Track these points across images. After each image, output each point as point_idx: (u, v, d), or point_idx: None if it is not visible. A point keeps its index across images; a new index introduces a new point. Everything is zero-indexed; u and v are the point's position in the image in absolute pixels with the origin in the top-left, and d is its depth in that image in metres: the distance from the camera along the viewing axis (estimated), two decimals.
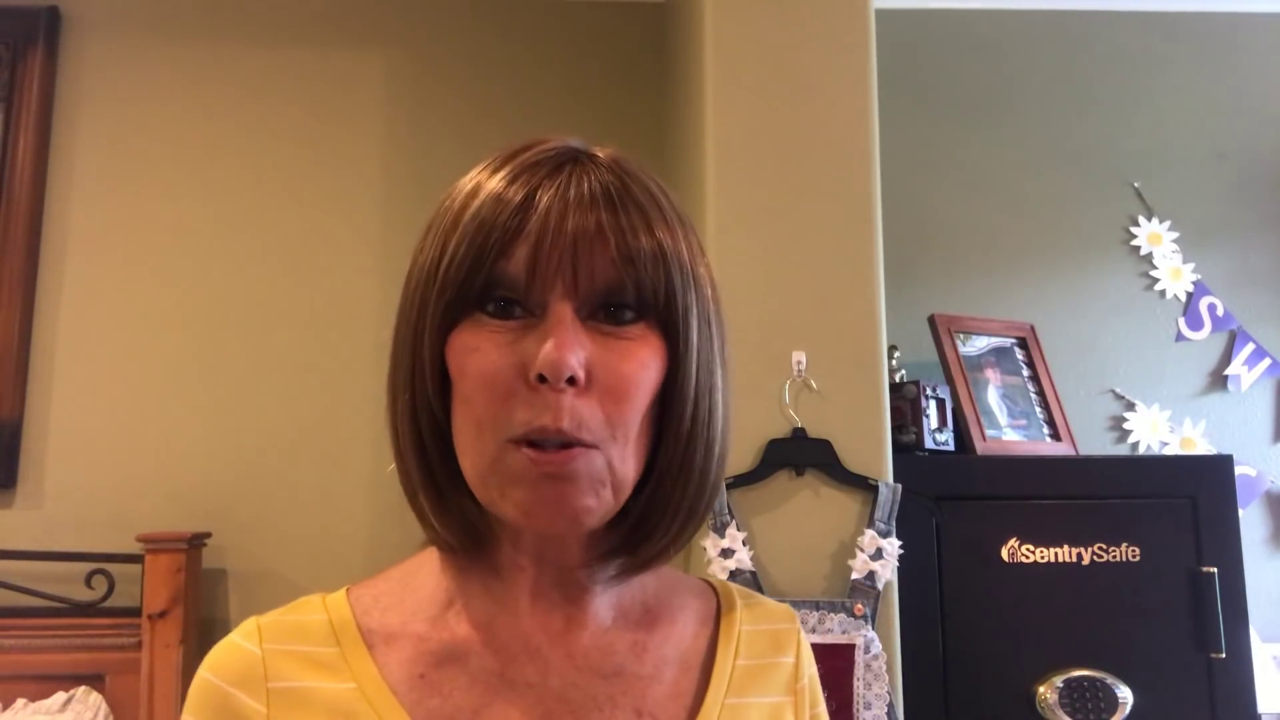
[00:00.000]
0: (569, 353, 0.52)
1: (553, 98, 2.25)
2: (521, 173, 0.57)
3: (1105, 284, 2.28)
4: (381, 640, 0.59)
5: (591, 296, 0.55)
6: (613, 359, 0.55)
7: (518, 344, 0.54)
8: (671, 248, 0.57)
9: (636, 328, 0.56)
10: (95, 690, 1.83)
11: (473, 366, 0.54)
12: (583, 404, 0.54)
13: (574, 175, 0.56)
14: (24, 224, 2.07)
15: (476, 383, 0.54)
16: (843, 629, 1.40)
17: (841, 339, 1.51)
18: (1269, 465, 2.24)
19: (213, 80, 2.19)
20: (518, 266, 0.54)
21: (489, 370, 0.54)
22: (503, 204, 0.55)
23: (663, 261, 0.56)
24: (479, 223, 0.55)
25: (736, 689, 0.63)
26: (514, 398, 0.54)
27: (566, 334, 0.53)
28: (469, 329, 0.55)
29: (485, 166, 0.59)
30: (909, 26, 2.30)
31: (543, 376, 0.52)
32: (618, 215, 0.55)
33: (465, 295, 0.55)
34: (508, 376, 0.54)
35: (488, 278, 0.55)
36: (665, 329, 0.57)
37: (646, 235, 0.56)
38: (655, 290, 0.56)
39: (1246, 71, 2.37)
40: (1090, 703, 1.56)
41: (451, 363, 0.56)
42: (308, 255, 2.15)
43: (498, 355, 0.54)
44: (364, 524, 2.06)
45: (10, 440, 2.02)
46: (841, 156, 1.55)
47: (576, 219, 0.54)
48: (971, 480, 1.70)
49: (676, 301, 0.57)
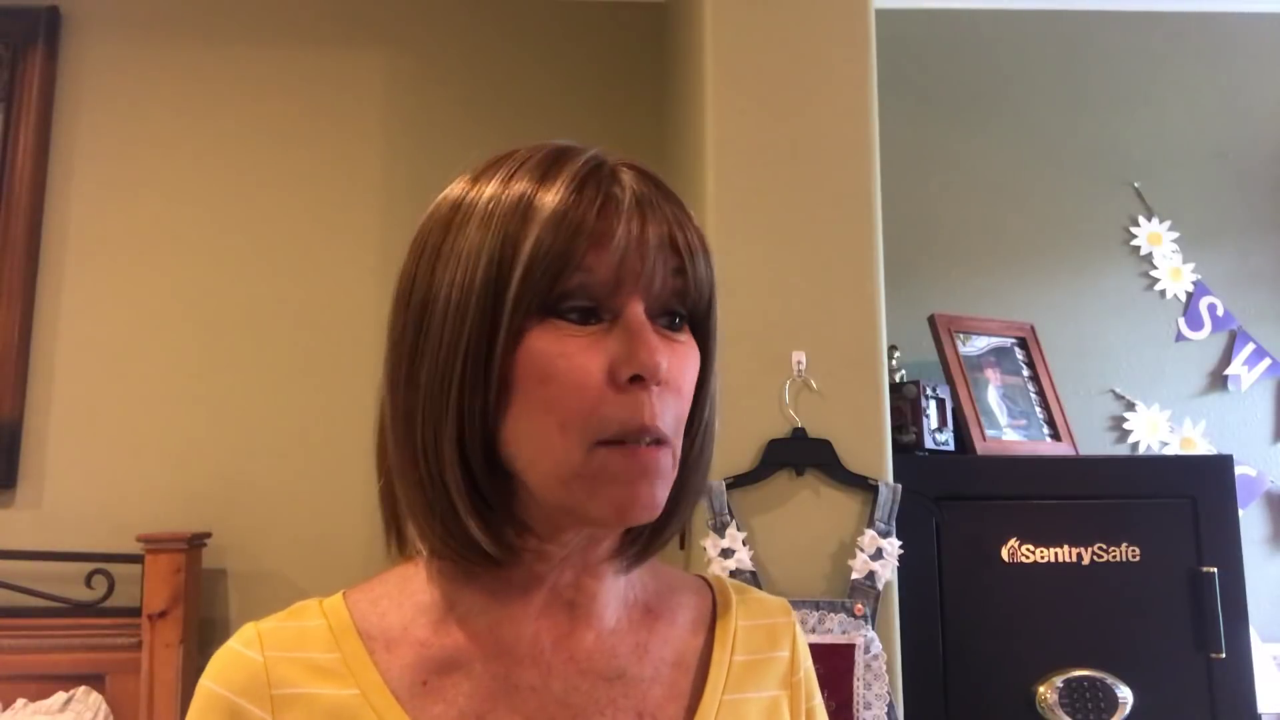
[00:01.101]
0: (661, 355, 0.55)
1: (553, 98, 2.25)
2: (585, 179, 0.57)
3: (1105, 284, 2.28)
4: (382, 646, 0.59)
5: (658, 302, 0.58)
6: (676, 360, 0.58)
7: (598, 346, 0.55)
8: (704, 247, 0.60)
9: (684, 331, 0.60)
10: (95, 690, 1.83)
11: (560, 371, 0.55)
12: (664, 401, 0.56)
13: (627, 184, 0.58)
14: (24, 224, 2.07)
15: (566, 386, 0.55)
16: (843, 629, 1.40)
17: (841, 339, 1.51)
18: (1269, 465, 2.24)
19: (213, 80, 2.19)
20: (602, 274, 0.55)
21: (578, 372, 0.55)
22: (581, 210, 0.55)
23: (707, 261, 0.60)
24: (557, 229, 0.55)
25: (734, 685, 0.64)
26: (603, 399, 0.55)
27: (653, 337, 0.56)
28: (546, 335, 0.55)
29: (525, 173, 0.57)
30: (909, 26, 2.30)
31: (636, 376, 0.55)
32: (673, 221, 0.58)
33: (544, 302, 0.55)
34: (598, 379, 0.55)
35: (568, 284, 0.55)
36: (697, 328, 0.61)
37: (696, 236, 0.59)
38: (700, 292, 0.59)
39: (1246, 71, 2.37)
40: (1090, 703, 1.56)
41: (528, 369, 0.55)
42: (308, 255, 2.15)
43: (585, 359, 0.55)
44: (364, 524, 2.05)
45: (10, 440, 2.02)
46: (841, 157, 1.55)
47: (652, 228, 0.57)
48: (971, 480, 1.70)
49: (713, 307, 0.61)
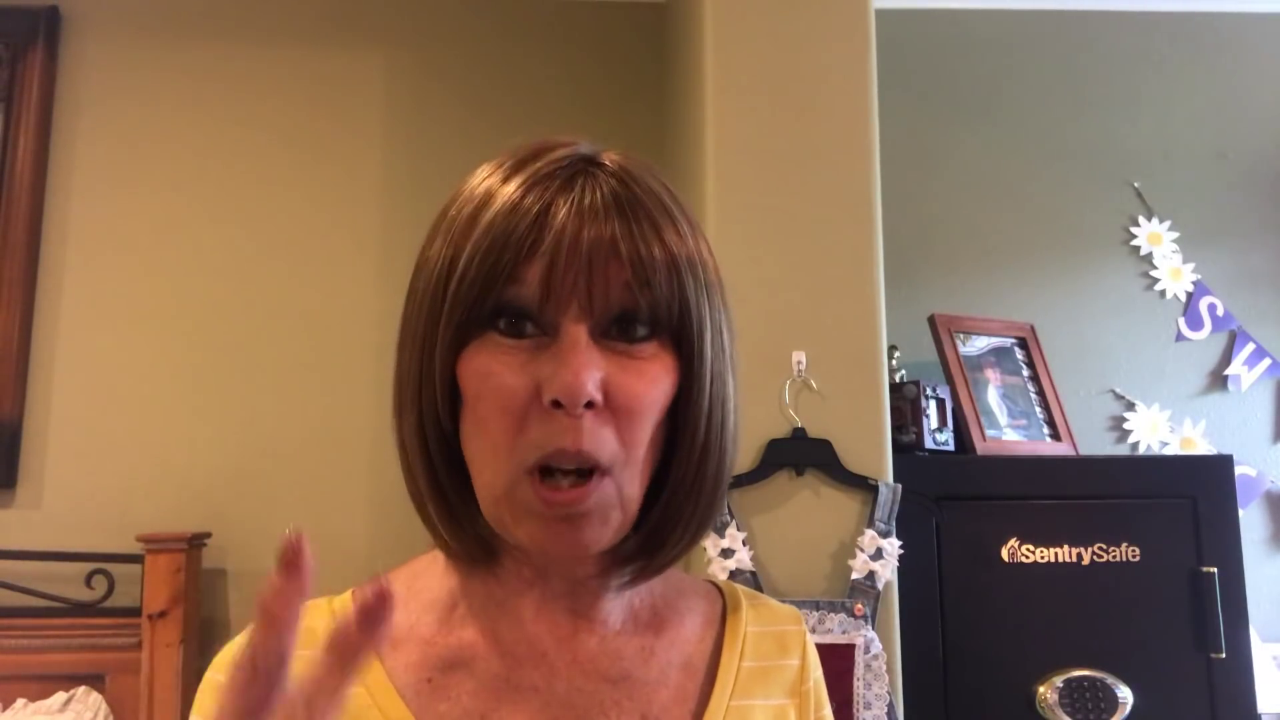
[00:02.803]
0: (585, 378, 0.51)
1: (553, 98, 2.25)
2: (535, 184, 0.55)
3: (1105, 284, 2.28)
4: (388, 644, 0.59)
5: (605, 315, 0.54)
6: (626, 379, 0.54)
7: (531, 365, 0.53)
8: (684, 256, 0.56)
9: (649, 345, 0.55)
10: (95, 690, 1.83)
11: (487, 391, 0.53)
12: (599, 425, 0.53)
13: (586, 188, 0.55)
14: (24, 224, 2.07)
15: (491, 407, 0.53)
16: (843, 629, 1.40)
17: (841, 339, 1.51)
18: (1269, 465, 2.24)
19: (213, 80, 2.19)
20: (532, 286, 0.53)
21: (504, 395, 0.53)
22: (515, 219, 0.54)
23: (676, 273, 0.55)
24: (491, 239, 0.54)
25: (741, 691, 0.63)
26: (529, 421, 0.53)
27: (581, 357, 0.52)
28: (482, 349, 0.54)
29: (494, 171, 0.58)
30: (909, 26, 2.30)
31: (558, 402, 0.52)
32: (630, 228, 0.54)
33: (477, 314, 0.54)
34: (522, 400, 0.53)
35: (500, 297, 0.54)
36: (678, 343, 0.56)
37: (659, 246, 0.55)
38: (669, 305, 0.55)
39: (1246, 71, 2.37)
40: (1090, 703, 1.56)
41: (465, 384, 0.55)
42: (308, 255, 2.15)
43: (512, 378, 0.53)
44: (364, 524, 2.06)
45: (10, 440, 2.02)
46: (841, 156, 1.55)
47: (591, 235, 0.53)
48: (971, 480, 1.70)
49: (691, 315, 0.56)
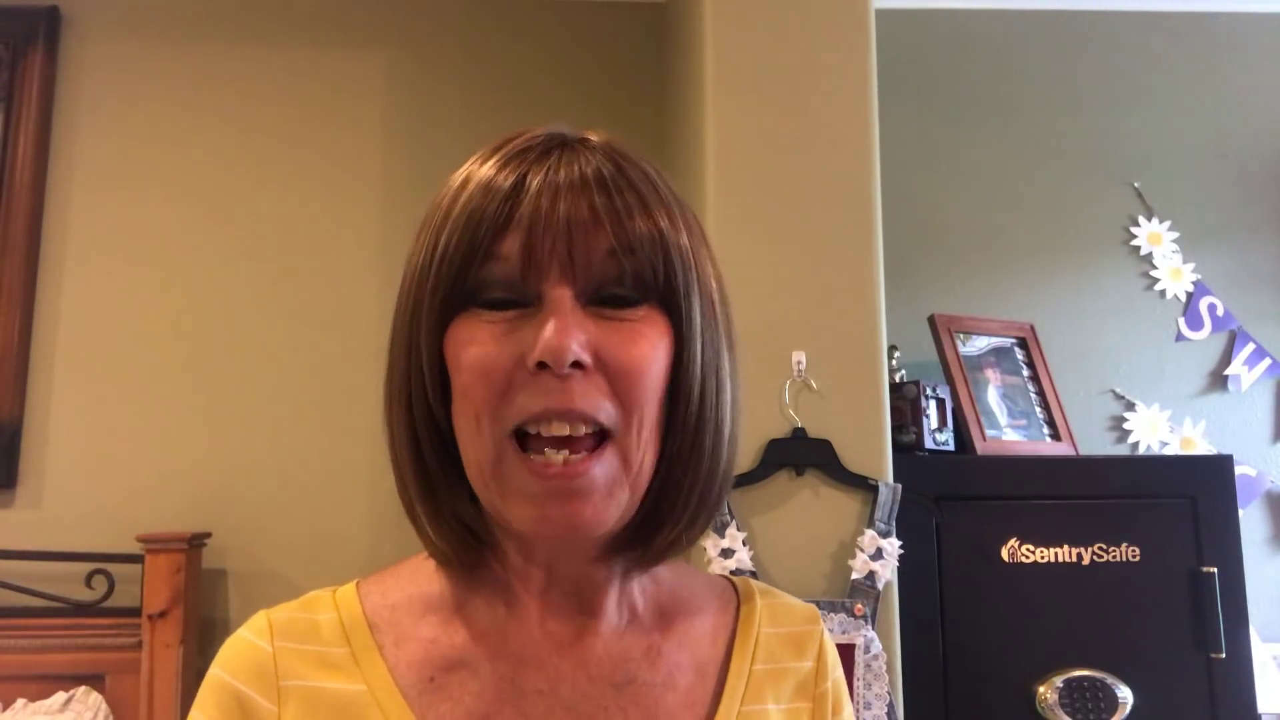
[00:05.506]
0: (569, 336, 0.50)
1: (553, 98, 2.24)
2: (510, 160, 0.55)
3: (1105, 284, 2.28)
4: (392, 641, 0.58)
5: (589, 283, 0.53)
6: (619, 340, 0.53)
7: (515, 333, 0.52)
8: (669, 230, 0.55)
9: (640, 309, 0.54)
10: (95, 690, 1.83)
11: (468, 358, 0.53)
12: (590, 387, 0.51)
13: (563, 159, 0.55)
14: (24, 224, 2.07)
15: (473, 374, 0.52)
16: (843, 629, 1.40)
17: (841, 339, 1.51)
18: (1269, 465, 2.24)
19: (213, 80, 2.19)
20: (511, 256, 0.53)
21: (486, 360, 0.52)
22: (491, 193, 0.54)
23: (660, 244, 0.54)
24: (468, 215, 0.54)
25: (753, 695, 0.61)
26: (513, 387, 0.52)
27: (565, 318, 0.51)
28: (465, 323, 0.54)
29: (474, 159, 0.58)
30: (909, 26, 2.30)
31: (543, 363, 0.50)
32: (611, 198, 0.54)
33: (459, 290, 0.54)
34: (506, 366, 0.52)
35: (481, 270, 0.53)
36: (668, 310, 0.55)
37: (643, 218, 0.54)
38: (654, 272, 0.54)
39: (1246, 71, 2.37)
40: (1090, 703, 1.56)
41: (450, 359, 0.54)
42: (308, 255, 2.15)
43: (495, 345, 0.52)
44: (364, 524, 2.06)
45: (10, 440, 2.02)
46: (841, 156, 1.55)
47: (568, 203, 0.53)
48: (971, 480, 1.70)
49: (677, 282, 0.55)
